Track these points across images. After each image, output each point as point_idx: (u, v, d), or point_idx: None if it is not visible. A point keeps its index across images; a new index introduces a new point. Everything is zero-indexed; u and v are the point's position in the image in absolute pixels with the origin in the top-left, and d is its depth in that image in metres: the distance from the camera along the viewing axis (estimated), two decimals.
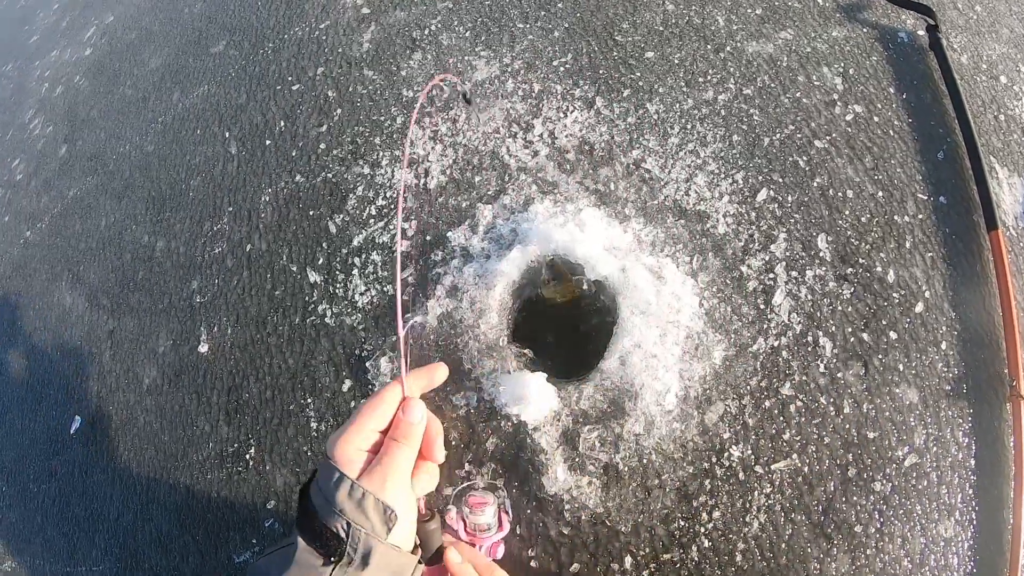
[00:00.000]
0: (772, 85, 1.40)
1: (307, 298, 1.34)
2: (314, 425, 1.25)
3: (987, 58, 1.41)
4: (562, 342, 1.24)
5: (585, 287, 1.17)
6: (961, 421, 1.13)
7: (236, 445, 1.32)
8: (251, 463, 1.30)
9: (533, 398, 1.07)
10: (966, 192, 1.29)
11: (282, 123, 1.58)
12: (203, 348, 1.42)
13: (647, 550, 1.06)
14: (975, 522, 1.08)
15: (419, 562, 0.69)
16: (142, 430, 1.45)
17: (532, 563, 1.08)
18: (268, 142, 1.56)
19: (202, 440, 1.37)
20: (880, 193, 1.28)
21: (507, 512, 1.05)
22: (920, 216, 1.27)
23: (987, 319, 1.20)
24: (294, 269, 1.38)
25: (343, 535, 0.57)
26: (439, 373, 0.84)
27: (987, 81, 1.39)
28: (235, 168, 1.57)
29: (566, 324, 1.25)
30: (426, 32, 1.58)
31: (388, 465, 0.65)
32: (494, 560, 0.97)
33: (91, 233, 1.74)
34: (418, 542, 0.74)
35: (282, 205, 1.46)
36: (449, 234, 1.27)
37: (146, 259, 1.60)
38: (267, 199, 1.48)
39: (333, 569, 0.56)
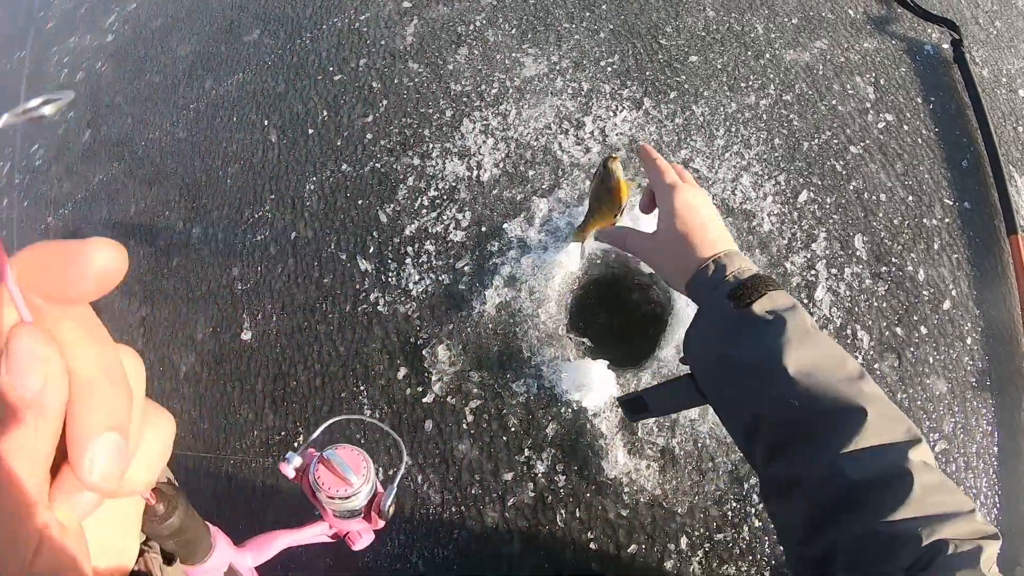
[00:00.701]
0: (810, 92, 1.50)
1: (358, 286, 1.38)
2: (367, 412, 1.29)
3: (1007, 72, 1.54)
4: (615, 332, 1.31)
5: (638, 185, 1.10)
6: (985, 411, 1.23)
7: (283, 433, 1.35)
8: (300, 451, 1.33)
9: (595, 385, 1.14)
10: (988, 198, 1.40)
11: (325, 112, 1.62)
12: (246, 335, 1.44)
13: (701, 531, 1.13)
14: (998, 506, 1.19)
15: None
16: (179, 417, 1.47)
17: (592, 545, 1.14)
18: (311, 131, 1.60)
19: (246, 428, 1.39)
20: (910, 197, 1.39)
21: (383, 510, 0.88)
22: (947, 220, 1.38)
23: (1007, 317, 1.31)
24: (343, 257, 1.42)
25: None
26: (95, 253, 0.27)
27: (1007, 94, 1.52)
28: (276, 156, 1.60)
29: (619, 313, 1.32)
30: (471, 28, 1.64)
31: None
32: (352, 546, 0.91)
33: (119, 219, 1.75)
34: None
35: (328, 194, 1.50)
36: (505, 225, 1.33)
37: (181, 245, 1.62)
38: (312, 187, 1.52)
39: None
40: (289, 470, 0.87)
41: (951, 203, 1.39)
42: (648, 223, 0.83)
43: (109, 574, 0.29)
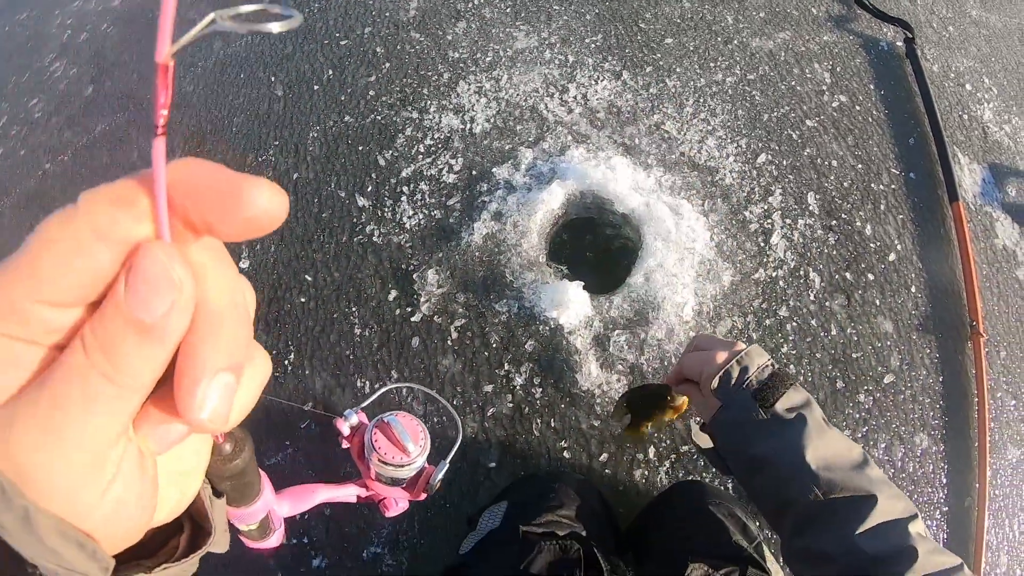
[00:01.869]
0: (771, 74, 1.73)
1: (355, 220, 1.54)
2: (358, 331, 1.43)
3: (955, 69, 1.79)
4: (589, 263, 1.48)
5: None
6: (930, 351, 1.41)
7: (275, 352, 1.48)
8: (290, 368, 1.45)
9: (571, 303, 1.29)
10: (932, 172, 1.62)
11: (330, 72, 1.80)
12: (244, 264, 1.58)
13: (668, 442, 1.27)
14: (946, 438, 1.34)
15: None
16: None
17: (565, 454, 1.27)
18: (316, 87, 1.78)
19: None
20: (860, 165, 1.60)
21: (431, 484, 0.89)
22: (893, 186, 1.59)
23: (949, 272, 1.50)
24: (342, 195, 1.58)
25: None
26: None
27: (954, 87, 1.76)
28: (282, 108, 1.78)
29: (592, 252, 1.49)
30: (470, 5, 1.86)
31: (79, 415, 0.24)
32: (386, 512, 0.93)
33: (121, 164, 1.89)
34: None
35: (330, 141, 1.67)
36: (494, 170, 1.51)
37: None
38: (315, 135, 1.69)
39: None
40: (345, 427, 0.88)
41: (897, 172, 1.61)
42: None
43: (170, 507, 0.29)
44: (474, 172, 1.53)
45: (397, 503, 0.92)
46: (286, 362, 1.46)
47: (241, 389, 0.24)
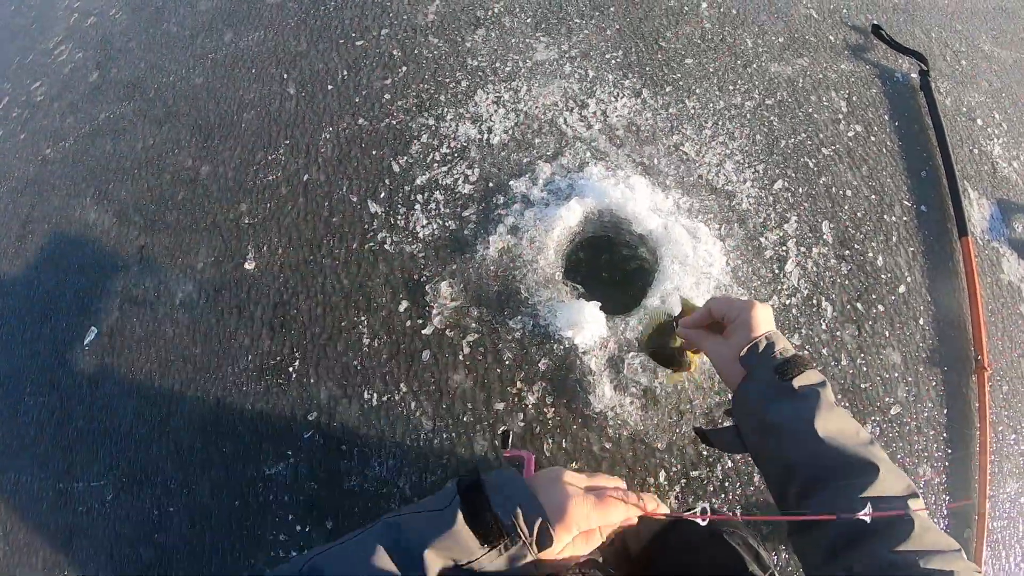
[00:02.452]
0: (789, 100, 1.72)
1: (366, 226, 1.49)
2: (366, 341, 1.39)
3: (967, 103, 1.80)
4: (605, 282, 1.45)
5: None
6: (935, 384, 1.41)
7: (279, 358, 1.43)
8: (294, 376, 1.41)
9: (586, 324, 1.27)
10: (943, 206, 1.62)
11: (344, 72, 1.76)
12: (249, 266, 1.53)
13: (679, 467, 1.25)
14: (948, 470, 1.34)
15: None
16: (170, 343, 1.53)
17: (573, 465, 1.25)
18: (330, 87, 1.74)
19: (240, 353, 1.46)
20: (873, 196, 1.60)
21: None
22: (905, 219, 1.59)
23: (956, 307, 1.50)
24: (354, 200, 1.53)
25: (505, 532, 0.62)
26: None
27: (966, 122, 1.77)
28: (293, 106, 1.73)
29: (607, 271, 1.47)
30: (489, 13, 1.83)
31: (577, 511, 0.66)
32: None
33: (124, 154, 1.83)
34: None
35: (343, 143, 1.63)
36: (511, 183, 1.48)
37: (188, 181, 1.70)
38: (327, 136, 1.65)
39: (484, 555, 0.62)
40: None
41: (909, 205, 1.61)
42: None
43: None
44: (491, 184, 1.50)
45: None
46: (291, 369, 1.41)
47: None
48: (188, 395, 1.47)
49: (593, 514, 0.68)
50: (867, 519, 0.67)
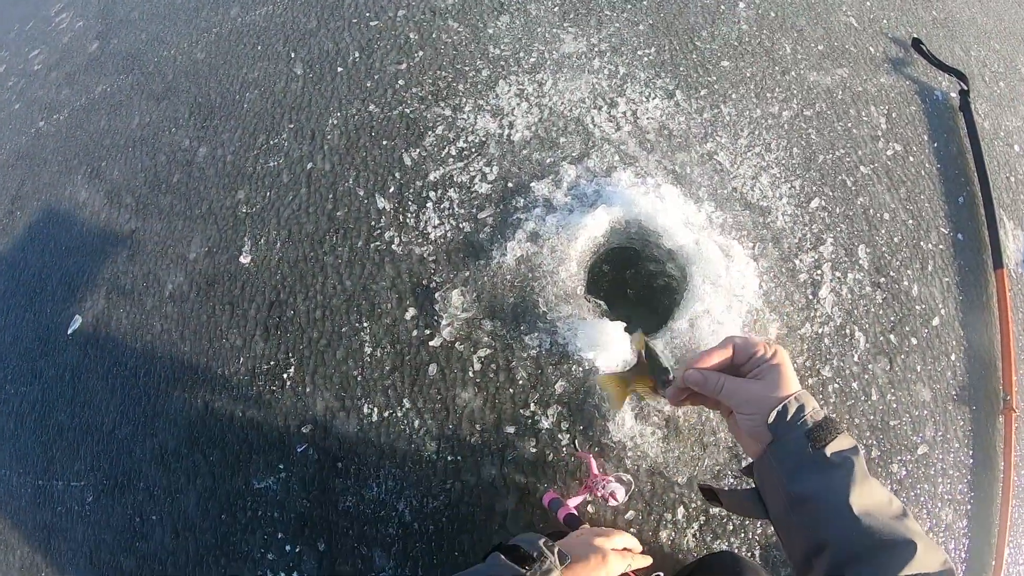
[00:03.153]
0: (828, 112, 1.58)
1: (373, 223, 1.35)
2: (368, 350, 1.25)
3: (1005, 127, 1.66)
4: (629, 299, 1.32)
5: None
6: (963, 423, 1.29)
7: (272, 363, 1.29)
8: (288, 383, 1.27)
9: (610, 345, 1.14)
10: (978, 235, 1.50)
11: (356, 54, 1.59)
12: (245, 259, 1.38)
13: (698, 503, 1.13)
14: (969, 513, 1.24)
15: None
16: (157, 338, 1.38)
17: (588, 507, 1.12)
18: (340, 69, 1.57)
19: (231, 354, 1.32)
20: (911, 220, 1.47)
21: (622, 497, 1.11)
22: (941, 247, 1.46)
23: (988, 342, 1.39)
24: (361, 193, 1.38)
25: (535, 557, 0.81)
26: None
27: (1003, 147, 1.64)
28: (299, 88, 1.57)
29: (632, 287, 1.33)
30: None
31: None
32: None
33: (119, 131, 1.66)
34: None
35: (351, 131, 1.47)
36: (532, 185, 1.33)
37: (185, 163, 1.55)
38: (335, 122, 1.49)
39: (526, 573, 0.79)
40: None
41: (946, 232, 1.48)
42: None
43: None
44: (510, 184, 1.35)
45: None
46: (285, 376, 1.28)
47: None
48: (175, 396, 1.34)
49: (594, 546, 0.89)
50: None
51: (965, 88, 1.66)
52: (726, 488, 0.92)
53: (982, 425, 1.31)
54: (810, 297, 1.32)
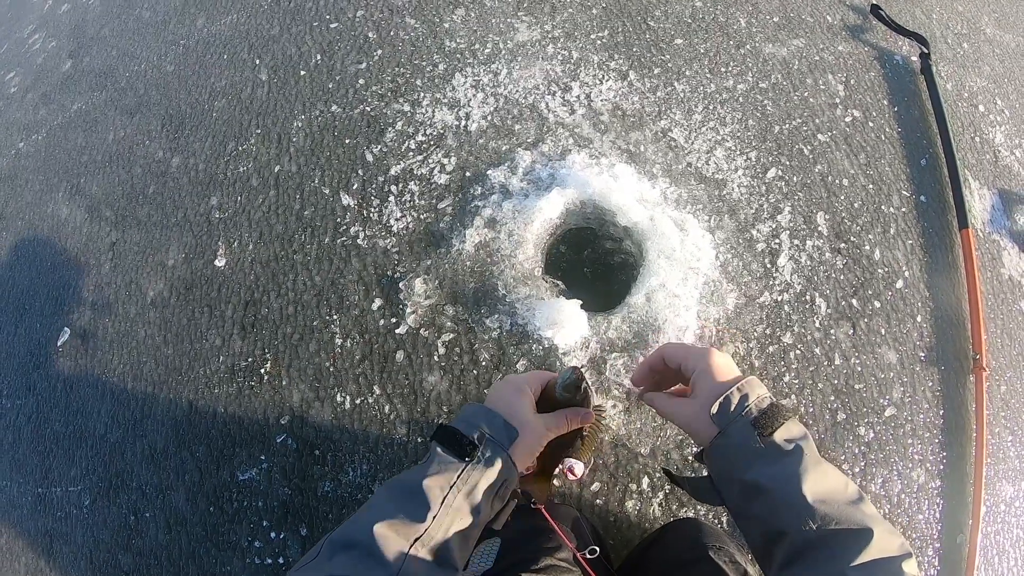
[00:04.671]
0: (784, 83, 1.58)
1: (338, 220, 1.38)
2: (339, 341, 1.29)
3: (969, 88, 1.65)
4: (588, 278, 1.34)
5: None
6: (932, 384, 1.30)
7: (250, 359, 1.33)
8: (266, 378, 1.31)
9: (567, 323, 1.16)
10: (943, 196, 1.49)
11: (318, 56, 1.62)
12: (220, 262, 1.42)
13: (661, 473, 1.16)
14: (943, 474, 1.24)
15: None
16: (141, 343, 1.43)
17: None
18: (303, 72, 1.60)
19: (211, 354, 1.37)
20: (871, 185, 1.47)
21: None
22: (903, 209, 1.46)
23: (955, 302, 1.38)
24: (326, 192, 1.42)
25: (476, 443, 0.71)
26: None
27: (967, 108, 1.63)
28: (265, 93, 1.60)
29: (590, 266, 1.35)
30: None
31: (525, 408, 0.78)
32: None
33: (96, 146, 1.71)
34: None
35: (316, 132, 1.50)
36: (489, 172, 1.36)
37: (159, 174, 1.59)
38: (299, 125, 1.52)
39: (465, 466, 0.69)
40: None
41: (908, 195, 1.48)
42: None
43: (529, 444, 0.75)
44: (468, 173, 1.38)
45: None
46: (262, 371, 1.32)
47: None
48: (160, 397, 1.38)
49: (511, 384, 0.79)
50: None
51: (926, 51, 1.65)
52: (688, 475, 0.93)
53: (952, 385, 1.31)
54: (768, 266, 1.33)
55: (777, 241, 1.36)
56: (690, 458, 1.16)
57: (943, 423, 1.28)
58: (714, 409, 0.73)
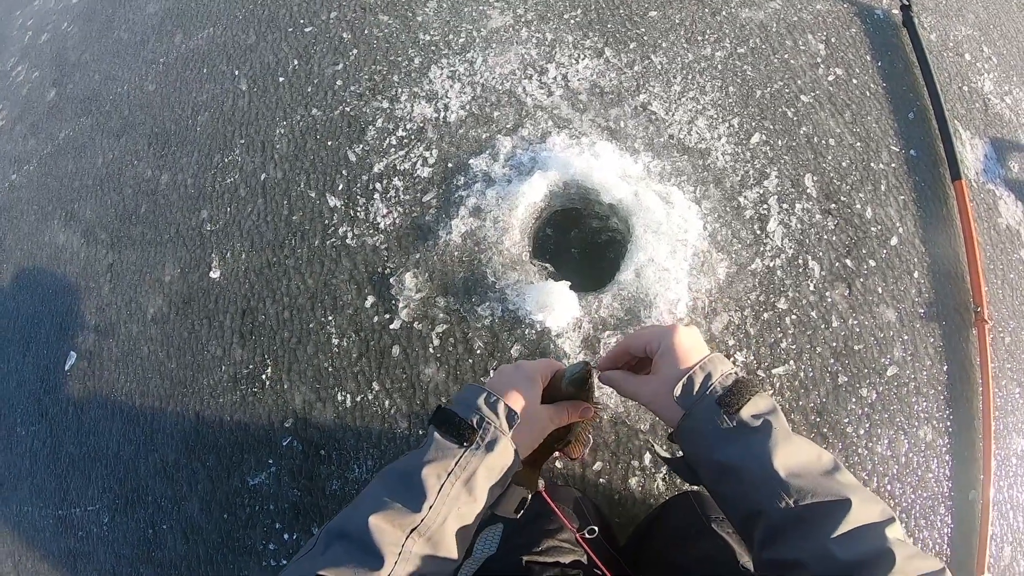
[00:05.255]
0: (763, 47, 1.55)
1: (326, 222, 1.38)
2: (335, 341, 1.29)
3: (954, 37, 1.61)
4: (576, 258, 1.33)
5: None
6: (933, 340, 1.27)
7: (251, 367, 1.34)
8: (267, 383, 1.32)
9: (557, 305, 1.15)
10: (933, 148, 1.46)
11: (295, 62, 1.62)
12: (215, 274, 1.43)
13: (666, 431, 1.15)
14: (950, 430, 1.22)
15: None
16: (146, 360, 1.44)
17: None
18: (281, 79, 1.60)
19: (213, 364, 1.38)
20: (858, 143, 1.45)
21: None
22: (893, 165, 1.43)
23: (953, 255, 1.36)
24: (312, 195, 1.42)
25: (475, 427, 0.67)
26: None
27: (953, 57, 1.59)
28: (246, 103, 1.60)
29: (577, 246, 1.34)
30: None
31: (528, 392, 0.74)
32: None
33: (86, 171, 1.72)
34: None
35: (298, 136, 1.50)
36: (471, 161, 1.35)
37: (149, 193, 1.60)
38: (282, 131, 1.52)
39: (464, 452, 0.66)
40: None
41: (897, 150, 1.45)
42: None
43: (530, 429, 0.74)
44: (450, 164, 1.37)
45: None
46: (263, 376, 1.32)
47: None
48: (168, 411, 1.40)
49: (522, 372, 0.75)
50: (846, 558, 0.58)
51: (907, 3, 1.61)
52: (668, 456, 0.91)
53: (954, 340, 1.29)
54: (758, 232, 1.31)
55: (765, 206, 1.34)
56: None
57: (947, 379, 1.26)
58: (677, 391, 0.70)
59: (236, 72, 1.66)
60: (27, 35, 2.17)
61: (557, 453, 0.86)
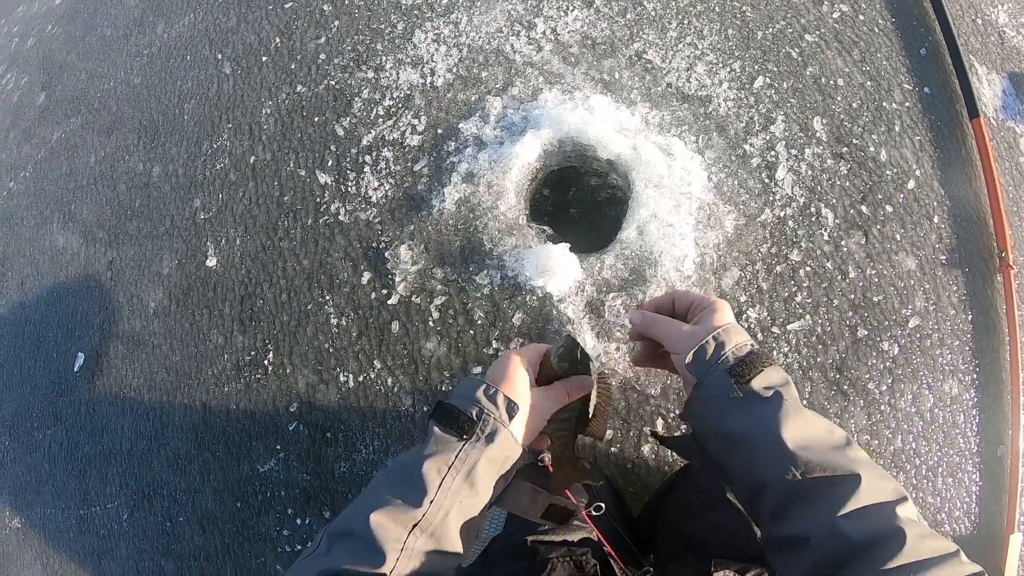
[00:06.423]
0: None
1: (318, 199, 1.31)
2: (334, 321, 1.22)
3: None
4: (576, 218, 1.25)
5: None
6: (956, 288, 1.17)
7: (253, 353, 1.28)
8: (270, 368, 1.26)
9: (558, 268, 1.07)
10: (949, 85, 1.33)
11: (277, 40, 1.53)
12: (211, 262, 1.37)
13: (677, 412, 1.07)
14: (977, 383, 1.12)
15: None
16: (151, 355, 1.39)
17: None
18: (264, 59, 1.52)
19: (216, 354, 1.32)
20: (868, 83, 1.32)
21: None
22: (907, 104, 1.31)
23: (974, 198, 1.24)
24: (302, 173, 1.34)
25: (475, 419, 0.65)
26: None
27: None
28: (231, 87, 1.52)
29: (576, 206, 1.25)
30: None
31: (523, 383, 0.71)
32: None
33: (80, 171, 1.66)
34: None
35: (284, 115, 1.42)
36: (461, 125, 1.26)
37: (142, 186, 1.53)
38: (268, 111, 1.44)
39: (464, 445, 0.64)
40: None
41: (911, 88, 1.33)
42: None
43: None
44: (439, 131, 1.28)
45: None
46: (266, 362, 1.27)
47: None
48: (176, 404, 1.35)
49: (508, 360, 0.71)
50: (854, 536, 0.54)
51: None
52: (673, 436, 0.88)
53: (978, 287, 1.18)
54: (766, 181, 1.21)
55: (773, 153, 1.23)
56: None
57: (972, 329, 1.15)
58: (688, 359, 0.69)
59: (219, 56, 1.58)
60: (13, 41, 2.11)
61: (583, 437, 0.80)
